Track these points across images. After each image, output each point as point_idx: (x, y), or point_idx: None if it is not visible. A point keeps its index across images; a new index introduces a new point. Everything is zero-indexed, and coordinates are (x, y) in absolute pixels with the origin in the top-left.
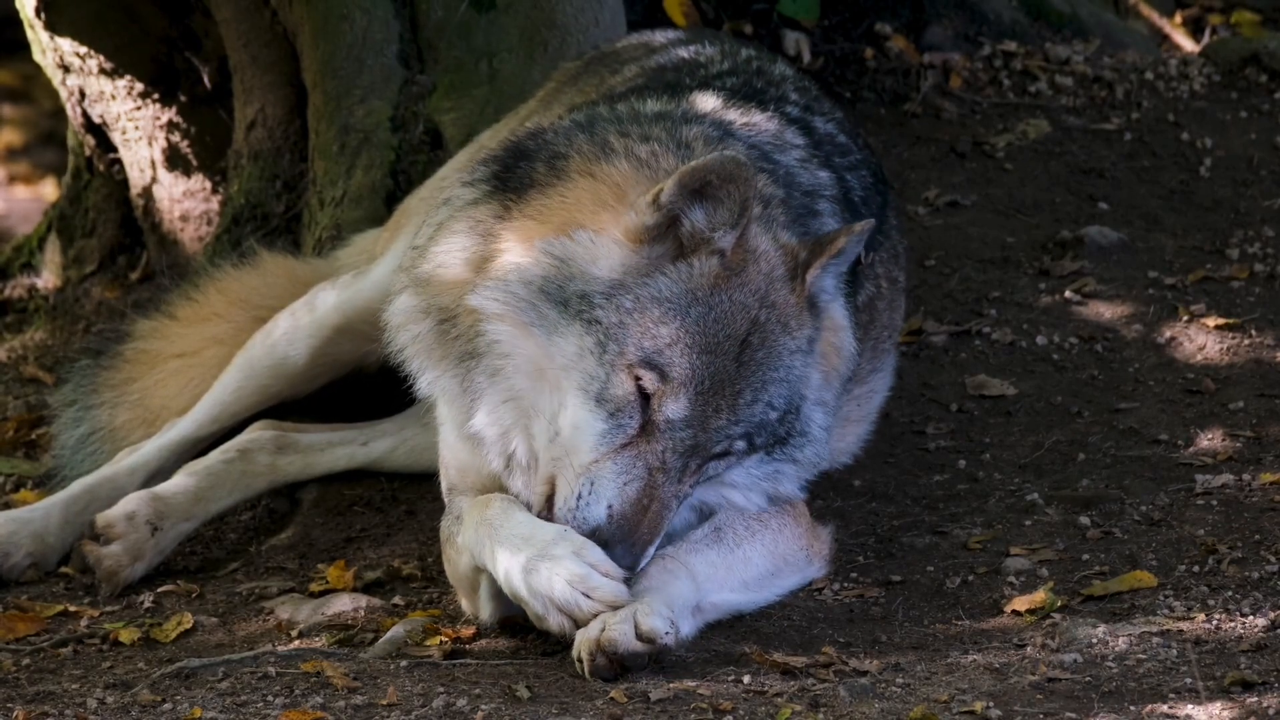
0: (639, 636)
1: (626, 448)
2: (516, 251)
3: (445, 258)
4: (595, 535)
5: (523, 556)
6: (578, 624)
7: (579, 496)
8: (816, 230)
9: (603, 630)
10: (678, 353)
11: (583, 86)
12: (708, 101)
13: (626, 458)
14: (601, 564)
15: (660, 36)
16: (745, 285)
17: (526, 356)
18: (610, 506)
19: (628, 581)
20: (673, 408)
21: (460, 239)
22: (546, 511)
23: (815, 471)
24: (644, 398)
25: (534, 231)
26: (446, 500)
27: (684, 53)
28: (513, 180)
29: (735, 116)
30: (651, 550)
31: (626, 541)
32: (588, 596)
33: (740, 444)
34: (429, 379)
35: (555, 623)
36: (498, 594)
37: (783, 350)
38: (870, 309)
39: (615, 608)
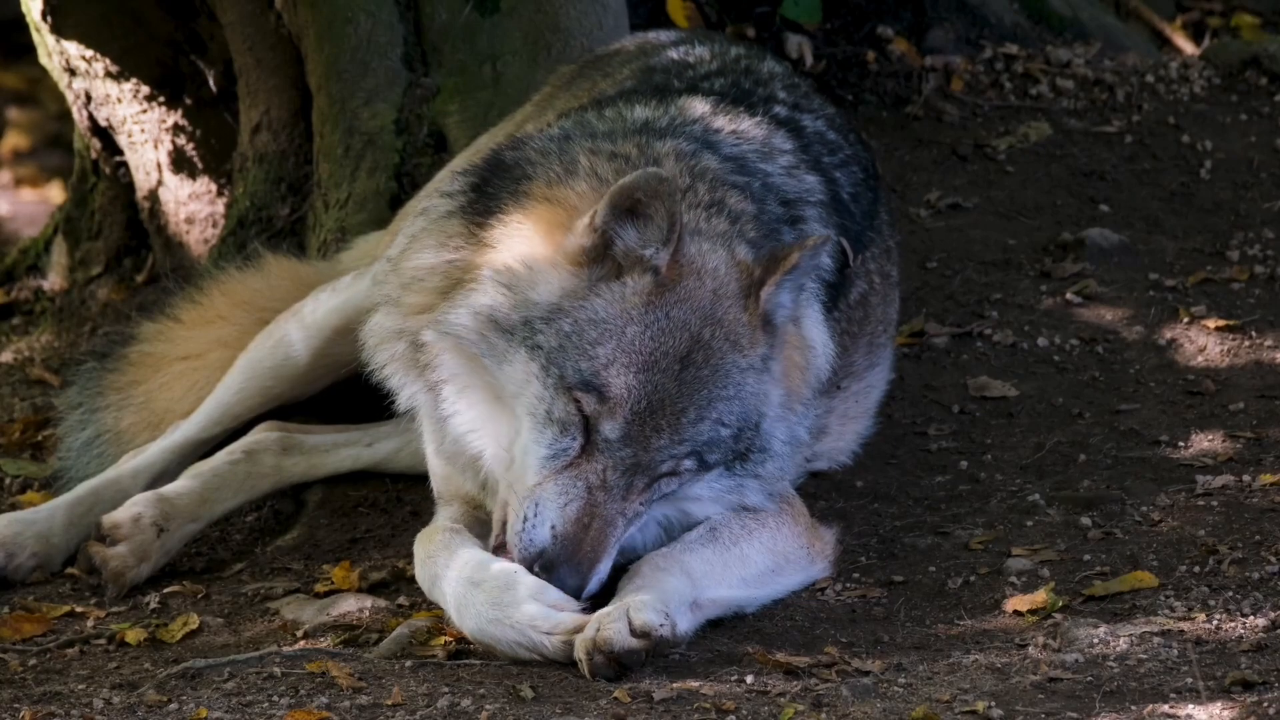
0: (633, 633)
1: (568, 469)
2: (473, 281)
3: (413, 280)
4: (541, 557)
5: (478, 605)
6: (548, 659)
7: (524, 520)
8: (797, 239)
9: (598, 630)
10: (614, 373)
11: (575, 91)
12: (696, 107)
13: (567, 478)
14: (559, 603)
15: (654, 38)
16: (685, 301)
17: (482, 385)
18: (553, 527)
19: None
20: (610, 427)
21: (429, 257)
22: (502, 536)
23: (779, 486)
24: (585, 419)
25: (491, 259)
26: (436, 504)
27: (674, 54)
28: (481, 202)
29: (724, 123)
30: (601, 569)
31: (571, 562)
32: (550, 635)
33: (689, 462)
34: (407, 395)
35: (525, 656)
36: None
37: (731, 368)
38: (864, 305)
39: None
